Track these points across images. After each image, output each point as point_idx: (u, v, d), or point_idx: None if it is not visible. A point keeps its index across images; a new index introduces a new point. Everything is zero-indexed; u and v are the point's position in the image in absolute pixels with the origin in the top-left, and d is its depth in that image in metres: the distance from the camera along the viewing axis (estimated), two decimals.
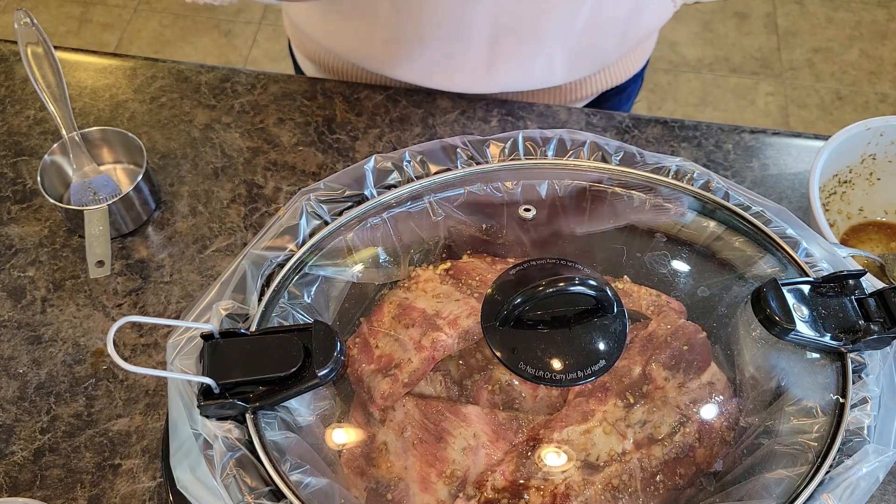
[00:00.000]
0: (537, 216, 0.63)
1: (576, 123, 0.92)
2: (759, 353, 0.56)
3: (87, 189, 0.82)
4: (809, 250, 0.58)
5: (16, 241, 0.82)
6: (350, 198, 0.60)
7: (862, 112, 2.19)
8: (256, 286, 0.54)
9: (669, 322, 0.59)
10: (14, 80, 0.94)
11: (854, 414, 0.51)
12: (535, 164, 0.62)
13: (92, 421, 0.71)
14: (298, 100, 0.92)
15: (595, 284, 0.51)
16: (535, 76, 0.90)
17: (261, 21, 2.39)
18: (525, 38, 0.86)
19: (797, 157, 0.89)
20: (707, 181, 0.61)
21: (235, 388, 0.49)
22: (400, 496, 0.53)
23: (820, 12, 2.42)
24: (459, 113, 0.91)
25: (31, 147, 0.89)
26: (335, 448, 0.55)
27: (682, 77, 2.27)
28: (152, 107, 0.92)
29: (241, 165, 0.87)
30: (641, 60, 1.04)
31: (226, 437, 0.48)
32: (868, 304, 0.54)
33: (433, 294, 0.59)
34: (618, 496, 0.52)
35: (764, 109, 2.21)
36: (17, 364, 0.74)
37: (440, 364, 0.56)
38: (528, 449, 0.53)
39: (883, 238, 0.87)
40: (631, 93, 1.08)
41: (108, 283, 0.79)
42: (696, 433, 0.54)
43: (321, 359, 0.49)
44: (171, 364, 0.50)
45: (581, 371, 0.51)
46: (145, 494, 0.68)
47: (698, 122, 0.92)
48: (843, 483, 0.48)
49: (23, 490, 0.68)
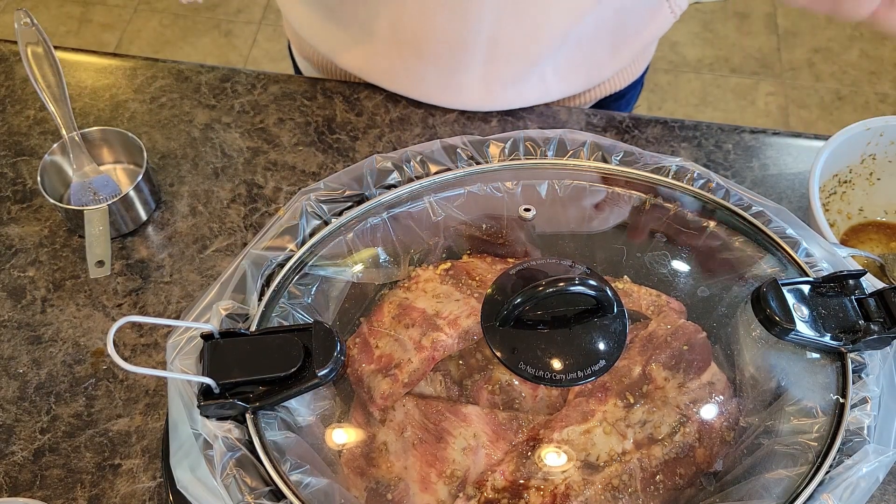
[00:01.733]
0: (537, 216, 0.63)
1: (576, 123, 0.92)
2: (759, 353, 0.56)
3: (87, 189, 0.82)
4: (809, 250, 0.58)
5: (16, 241, 0.82)
6: (350, 198, 0.60)
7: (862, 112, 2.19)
8: (256, 286, 0.54)
9: (669, 322, 0.59)
10: (14, 80, 0.94)
11: (854, 414, 0.51)
12: (535, 164, 0.62)
13: (92, 421, 0.71)
14: (298, 100, 0.92)
15: (595, 284, 0.51)
16: (531, 94, 0.91)
17: (261, 21, 2.39)
18: (519, 59, 0.86)
19: (797, 157, 0.89)
20: (707, 181, 0.61)
21: (235, 388, 0.49)
22: (400, 496, 0.53)
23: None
24: (459, 113, 0.91)
25: (31, 147, 0.89)
26: (335, 448, 0.55)
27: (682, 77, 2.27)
28: (152, 107, 0.92)
29: (241, 165, 0.87)
30: (640, 68, 1.04)
31: (226, 437, 0.48)
32: (868, 304, 0.54)
33: (433, 294, 0.59)
34: (618, 496, 0.52)
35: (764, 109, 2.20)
36: (17, 364, 0.74)
37: (440, 364, 0.56)
38: (528, 449, 0.53)
39: (883, 238, 0.87)
40: (630, 98, 1.07)
41: (108, 283, 0.79)
42: (696, 433, 0.54)
43: (321, 359, 0.49)
44: (171, 364, 0.50)
45: (581, 371, 0.51)
46: (145, 494, 0.68)
47: (698, 122, 0.92)
48: (843, 483, 0.48)
49: (23, 490, 0.68)
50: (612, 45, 0.91)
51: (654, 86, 2.24)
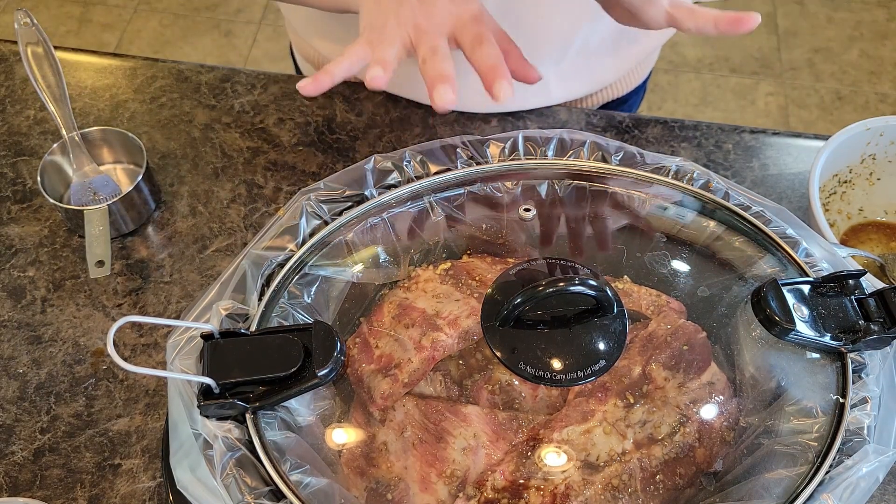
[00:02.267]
0: (537, 216, 0.63)
1: (576, 123, 0.92)
2: (759, 353, 0.56)
3: (87, 189, 0.82)
4: (809, 250, 0.58)
5: (16, 241, 0.82)
6: (350, 198, 0.60)
7: (862, 112, 2.19)
8: (256, 286, 0.54)
9: (669, 322, 0.59)
10: (14, 80, 0.94)
11: (854, 414, 0.51)
12: (535, 164, 0.62)
13: (92, 421, 0.71)
14: (298, 100, 0.92)
15: (595, 284, 0.51)
16: (531, 97, 0.91)
17: (261, 21, 2.39)
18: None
19: (797, 157, 0.89)
20: (707, 181, 0.61)
21: (235, 388, 0.49)
22: (400, 496, 0.53)
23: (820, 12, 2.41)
24: (459, 113, 0.91)
25: (31, 147, 0.89)
26: (335, 448, 0.55)
27: (682, 77, 2.27)
28: (152, 107, 0.92)
29: (241, 165, 0.87)
30: (643, 74, 1.03)
31: (226, 437, 0.48)
32: (868, 304, 0.54)
33: (433, 294, 0.59)
34: (618, 496, 0.52)
35: (764, 109, 2.20)
36: (17, 364, 0.74)
37: (440, 364, 0.56)
38: (528, 449, 0.53)
39: (883, 238, 0.87)
40: (633, 104, 1.07)
41: (108, 283, 0.79)
42: (696, 433, 0.54)
43: (321, 359, 0.49)
44: (171, 364, 0.50)
45: (581, 371, 0.51)
46: (145, 494, 0.68)
47: (698, 122, 0.92)
48: (843, 483, 0.48)
49: (23, 490, 0.68)
50: (614, 52, 0.91)
51: (654, 86, 2.24)
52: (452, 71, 0.64)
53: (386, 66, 0.65)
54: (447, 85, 0.63)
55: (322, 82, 0.65)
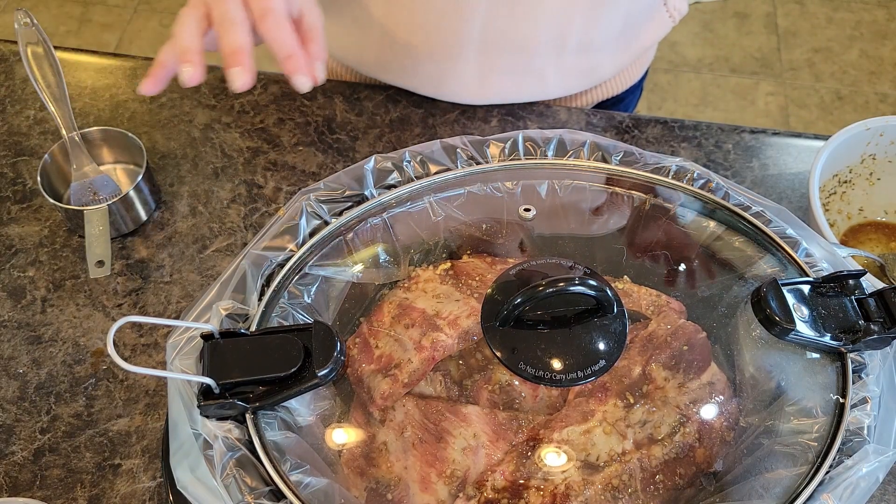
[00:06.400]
0: (537, 216, 0.63)
1: (576, 123, 0.92)
2: (759, 353, 0.56)
3: (87, 189, 0.82)
4: (809, 250, 0.58)
5: (16, 241, 0.82)
6: (350, 198, 0.60)
7: (862, 112, 2.19)
8: (256, 286, 0.54)
9: (669, 322, 0.59)
10: (14, 80, 0.94)
11: (854, 414, 0.51)
12: (535, 164, 0.62)
13: (92, 421, 0.71)
14: (298, 100, 0.92)
15: (595, 284, 0.51)
16: (527, 89, 0.91)
17: None
18: (514, 51, 0.86)
19: (797, 157, 0.89)
20: (707, 181, 0.61)
21: (235, 388, 0.49)
22: (400, 496, 0.53)
23: (820, 12, 2.41)
24: (459, 113, 0.91)
25: (31, 147, 0.89)
26: (335, 448, 0.55)
27: (682, 77, 2.27)
28: (152, 107, 0.92)
29: (241, 165, 0.87)
30: (640, 71, 1.03)
31: (226, 437, 0.48)
32: (868, 304, 0.54)
33: (433, 294, 0.59)
34: (618, 496, 0.52)
35: (764, 109, 2.20)
36: (17, 364, 0.74)
37: (440, 364, 0.56)
38: (528, 449, 0.53)
39: (883, 238, 0.87)
40: (629, 103, 1.07)
41: (108, 283, 0.79)
42: (696, 433, 0.54)
43: (321, 359, 0.49)
44: (171, 364, 0.50)
45: (581, 371, 0.51)
46: (145, 494, 0.68)
47: (698, 122, 0.92)
48: (843, 483, 0.48)
49: (23, 490, 0.68)
50: (611, 47, 0.91)
51: (654, 86, 2.24)
52: (247, 42, 0.60)
53: (191, 59, 0.59)
54: (241, 67, 0.59)
55: (159, 76, 0.61)
